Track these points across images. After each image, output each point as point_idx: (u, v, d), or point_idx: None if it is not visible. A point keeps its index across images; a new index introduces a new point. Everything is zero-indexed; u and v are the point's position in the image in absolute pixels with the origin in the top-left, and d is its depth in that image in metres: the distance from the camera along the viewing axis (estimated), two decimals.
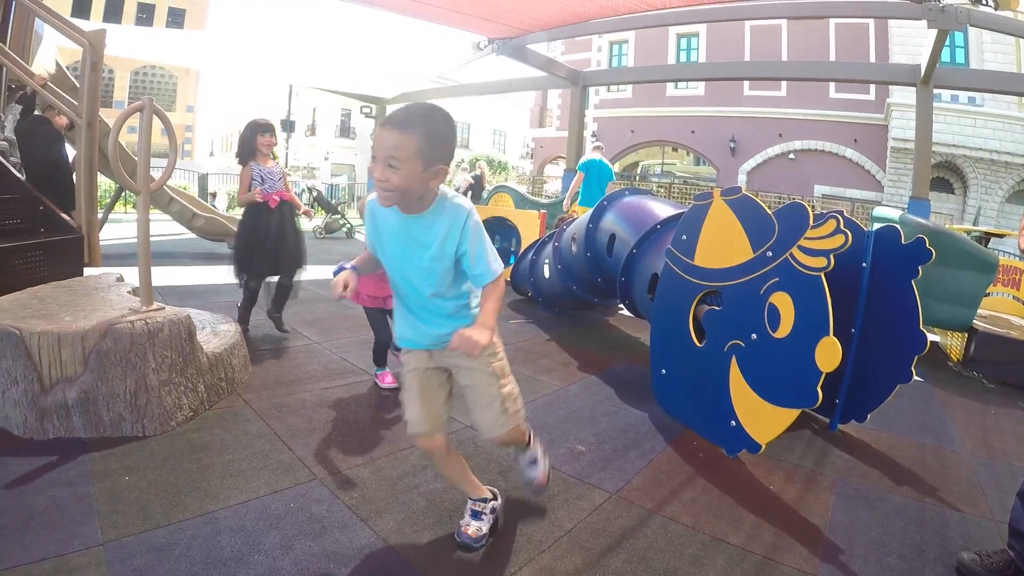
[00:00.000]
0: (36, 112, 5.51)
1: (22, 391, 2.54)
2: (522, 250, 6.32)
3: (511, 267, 6.25)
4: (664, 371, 3.24)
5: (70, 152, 5.46)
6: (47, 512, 2.01)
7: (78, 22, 5.17)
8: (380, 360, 3.40)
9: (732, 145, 22.50)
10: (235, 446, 2.54)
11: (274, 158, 4.18)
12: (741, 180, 21.73)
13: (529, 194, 8.90)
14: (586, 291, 5.06)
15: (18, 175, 4.58)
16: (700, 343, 3.01)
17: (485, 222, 6.68)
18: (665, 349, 3.25)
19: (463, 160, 21.90)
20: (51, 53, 7.86)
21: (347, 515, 2.07)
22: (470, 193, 14.11)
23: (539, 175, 28.17)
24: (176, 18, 33.13)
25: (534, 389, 3.49)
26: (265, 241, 3.97)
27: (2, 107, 5.87)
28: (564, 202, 8.65)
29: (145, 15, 32.80)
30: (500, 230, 7.07)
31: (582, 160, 8.57)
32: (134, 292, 3.23)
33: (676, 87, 23.57)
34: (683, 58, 23.55)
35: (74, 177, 4.65)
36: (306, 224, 12.01)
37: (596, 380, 3.80)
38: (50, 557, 1.77)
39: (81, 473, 2.27)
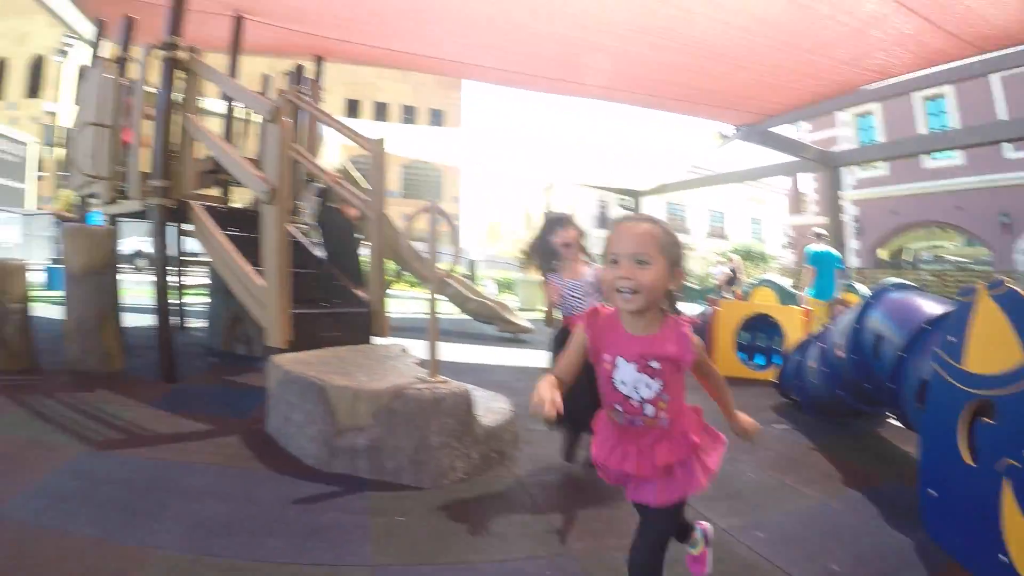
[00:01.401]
0: (330, 204, 6.65)
1: (319, 430, 3.10)
2: (786, 349, 6.02)
3: (778, 368, 5.97)
4: (932, 492, 2.86)
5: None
6: (329, 529, 2.44)
7: (351, 122, 6.42)
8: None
9: (1004, 220, 18.95)
10: (499, 510, 2.77)
11: (586, 259, 3.36)
12: (1019, 261, 18.22)
13: (793, 288, 8.54)
14: (853, 397, 4.68)
15: (316, 254, 5.60)
16: (973, 461, 2.64)
17: (747, 319, 6.39)
18: (934, 466, 2.88)
19: (724, 253, 21.48)
20: (336, 152, 9.58)
21: None
22: (727, 285, 13.82)
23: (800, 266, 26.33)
24: (436, 118, 37.51)
25: (793, 499, 3.30)
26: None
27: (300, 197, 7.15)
28: (800, 296, 8.20)
29: (409, 115, 37.49)
30: (763, 327, 6.82)
31: (809, 251, 8.34)
32: (420, 363, 3.74)
33: (932, 157, 20.70)
34: (933, 123, 20.72)
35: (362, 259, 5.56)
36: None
37: (860, 496, 3.46)
38: (325, 564, 2.16)
39: (361, 506, 2.69)
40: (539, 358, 7.13)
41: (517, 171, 16.60)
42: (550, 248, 3.32)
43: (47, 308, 7.32)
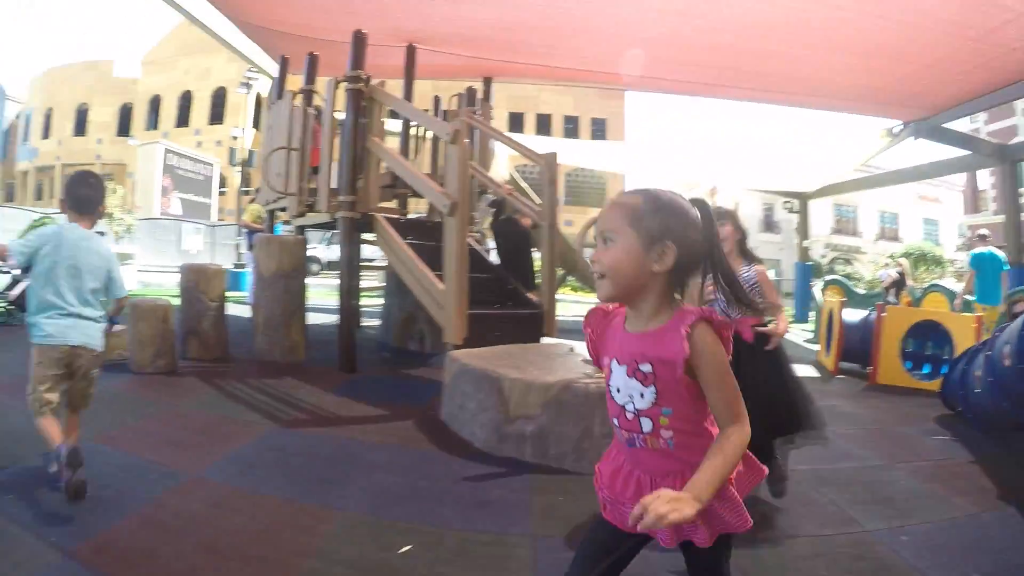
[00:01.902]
0: (505, 214, 7.16)
1: (490, 417, 3.50)
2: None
3: (942, 378, 5.72)
4: None
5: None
6: (495, 503, 2.81)
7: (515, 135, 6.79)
8: None
9: None
10: None
11: (748, 259, 2.99)
12: None
13: (967, 294, 8.05)
14: (1018, 409, 4.42)
15: (489, 260, 6.05)
16: None
17: (915, 325, 6.15)
18: None
19: (892, 256, 20.13)
20: (505, 164, 10.06)
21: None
22: (893, 290, 13.06)
23: None
24: (599, 128, 37.44)
25: (943, 509, 3.25)
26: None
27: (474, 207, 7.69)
28: (955, 302, 7.68)
29: (571, 126, 37.73)
30: (932, 335, 6.51)
31: (971, 254, 7.86)
32: (586, 361, 4.03)
33: None
34: None
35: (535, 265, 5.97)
36: None
37: (1014, 512, 3.34)
38: (491, 532, 2.51)
39: (524, 485, 3.03)
40: None
41: (680, 176, 16.38)
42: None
43: (232, 307, 8.40)
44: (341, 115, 5.61)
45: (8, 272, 7.08)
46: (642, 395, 1.28)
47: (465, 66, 8.29)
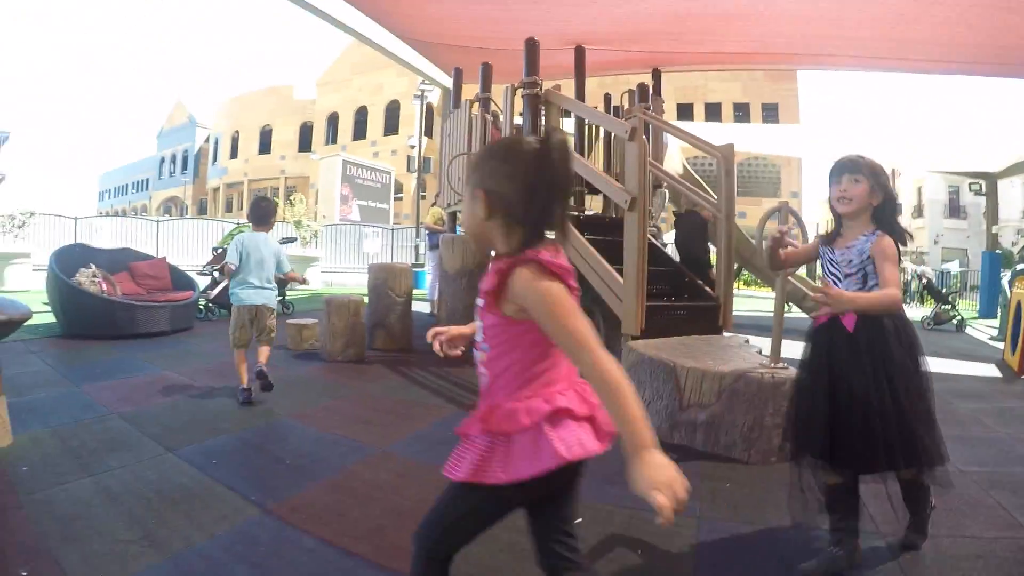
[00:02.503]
0: (686, 208, 7.24)
1: (665, 405, 3.67)
2: None
3: None
4: None
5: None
6: None
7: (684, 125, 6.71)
8: None
9: None
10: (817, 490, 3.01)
11: (877, 227, 2.25)
12: None
13: None
14: None
15: (667, 253, 6.12)
16: None
17: None
18: None
19: None
20: (677, 156, 9.96)
21: (894, 569, 2.24)
22: None
23: None
24: (770, 113, 35.70)
25: None
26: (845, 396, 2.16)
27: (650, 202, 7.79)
28: None
29: (741, 113, 36.29)
30: None
31: None
32: (760, 353, 4.12)
33: None
34: None
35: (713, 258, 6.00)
36: (913, 312, 11.47)
37: None
38: (629, 508, 2.64)
39: (693, 471, 3.12)
40: None
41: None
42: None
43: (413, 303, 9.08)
44: (518, 120, 5.95)
45: (210, 274, 8.18)
46: (481, 329, 1.36)
47: (633, 59, 8.41)
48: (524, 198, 1.27)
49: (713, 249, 6.42)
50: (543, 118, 5.84)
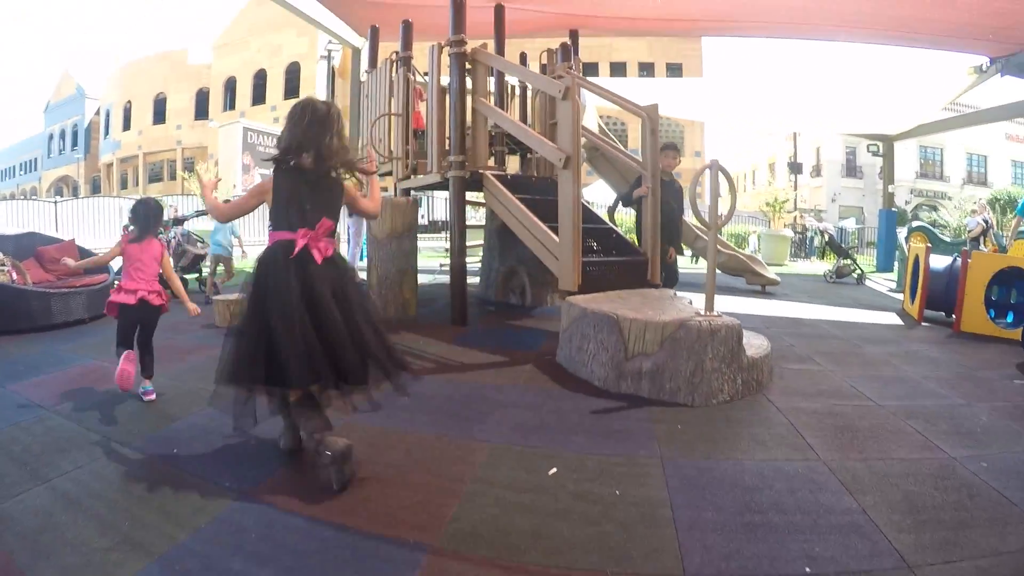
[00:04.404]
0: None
1: (610, 357, 3.81)
2: None
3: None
4: None
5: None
6: (620, 432, 3.15)
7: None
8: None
9: None
10: (758, 425, 3.28)
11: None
12: None
13: None
14: None
15: (595, 212, 6.24)
16: None
17: (1000, 272, 6.06)
18: None
19: (975, 200, 19.27)
20: (593, 116, 10.11)
21: (838, 487, 2.54)
22: (982, 239, 12.57)
23: None
24: (674, 72, 36.63)
25: (1020, 441, 3.35)
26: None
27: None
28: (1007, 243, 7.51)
29: (645, 72, 37.06)
30: (1017, 283, 6.38)
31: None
32: (691, 304, 4.33)
33: None
34: None
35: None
36: (815, 267, 12.08)
37: None
38: (622, 455, 2.83)
39: (644, 417, 3.35)
40: (787, 309, 7.27)
41: (761, 121, 16.06)
42: None
43: None
44: (445, 79, 5.88)
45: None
46: None
47: (551, 22, 8.42)
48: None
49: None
50: (472, 77, 5.79)
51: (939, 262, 6.73)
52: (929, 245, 7.17)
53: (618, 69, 36.94)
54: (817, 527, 2.19)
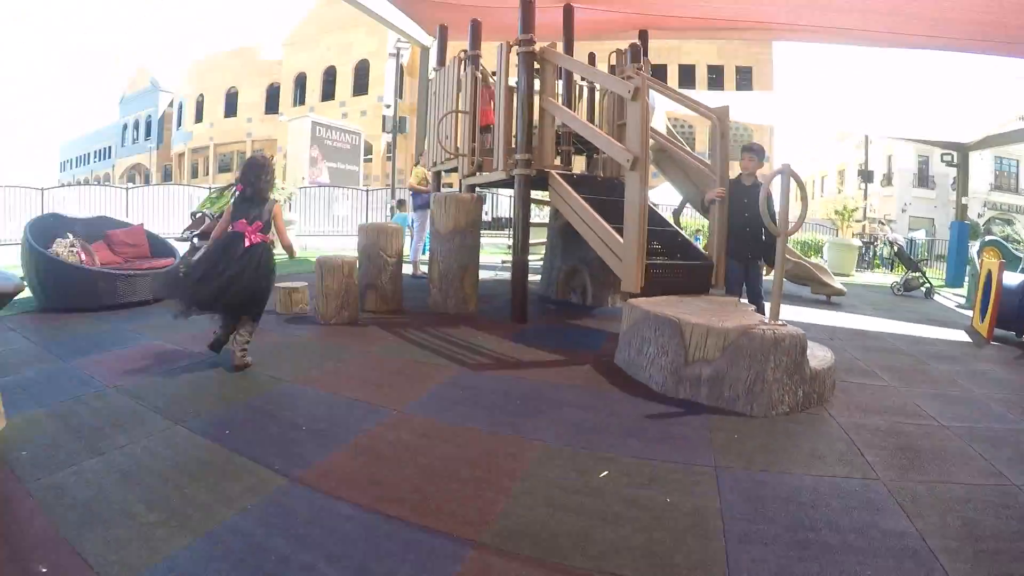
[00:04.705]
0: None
1: (669, 361, 3.78)
2: None
3: None
4: None
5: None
6: (676, 438, 3.12)
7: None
8: None
9: None
10: (818, 440, 3.21)
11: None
12: None
13: None
14: None
15: (660, 214, 6.17)
16: None
17: None
18: None
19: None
20: (661, 118, 10.02)
21: (895, 508, 2.46)
22: None
23: None
24: (744, 76, 35.85)
25: (1014, 420, 3.46)
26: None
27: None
28: None
29: (715, 75, 36.41)
30: None
31: None
32: (755, 311, 4.28)
33: None
34: None
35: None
36: (882, 278, 11.65)
37: None
38: (678, 463, 2.81)
39: (701, 424, 3.32)
40: (852, 321, 7.08)
41: (832, 126, 15.69)
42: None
43: None
44: (513, 78, 5.94)
45: (190, 240, 7.98)
46: None
47: (618, 22, 8.39)
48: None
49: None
50: (540, 76, 5.82)
51: (1012, 279, 6.40)
52: (1002, 260, 6.82)
53: (687, 72, 36.43)
54: (871, 549, 2.14)
